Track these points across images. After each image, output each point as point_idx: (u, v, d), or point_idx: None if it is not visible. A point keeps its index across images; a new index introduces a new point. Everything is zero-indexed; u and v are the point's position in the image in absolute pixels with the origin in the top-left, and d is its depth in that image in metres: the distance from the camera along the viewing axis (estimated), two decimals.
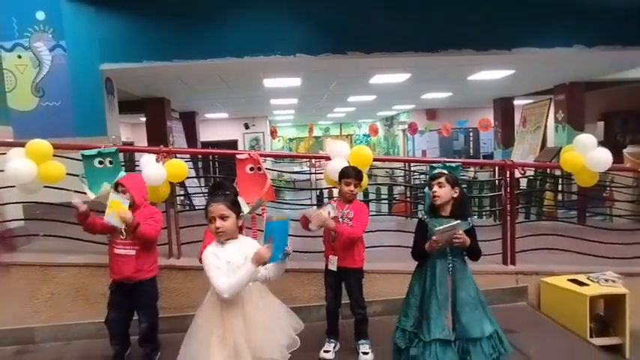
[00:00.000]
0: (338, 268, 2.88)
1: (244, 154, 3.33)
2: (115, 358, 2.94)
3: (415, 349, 2.27)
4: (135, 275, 2.74)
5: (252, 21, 5.77)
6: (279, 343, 2.04)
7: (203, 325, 1.99)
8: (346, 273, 2.91)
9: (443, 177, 2.36)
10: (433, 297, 2.29)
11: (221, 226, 1.97)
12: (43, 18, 5.56)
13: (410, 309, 2.42)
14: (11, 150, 3.26)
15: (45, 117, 5.52)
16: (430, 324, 2.24)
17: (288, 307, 2.23)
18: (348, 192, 2.83)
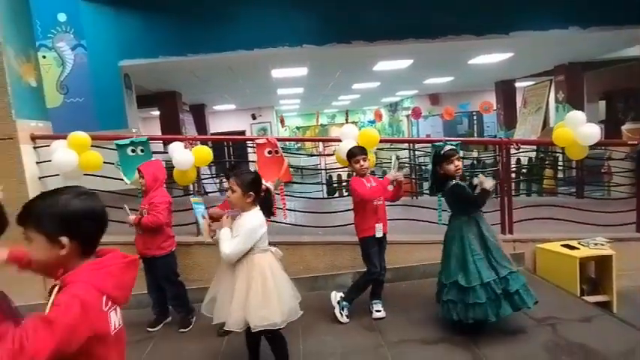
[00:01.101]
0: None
1: (263, 139, 3.67)
2: (154, 322, 3.37)
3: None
4: (145, 252, 3.16)
5: (260, 14, 6.05)
6: (278, 309, 2.29)
7: (218, 276, 2.43)
8: (384, 238, 3.24)
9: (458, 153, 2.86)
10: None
11: (230, 196, 2.35)
12: (64, 19, 5.90)
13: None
14: (54, 142, 3.64)
15: (70, 113, 5.88)
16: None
17: (292, 284, 2.47)
18: (360, 168, 3.16)
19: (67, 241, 1.14)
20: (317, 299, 3.64)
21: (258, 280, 2.27)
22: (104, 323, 1.12)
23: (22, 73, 3.86)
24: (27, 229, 1.15)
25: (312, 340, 2.95)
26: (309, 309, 3.38)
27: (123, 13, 6.01)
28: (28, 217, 1.15)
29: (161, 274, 3.29)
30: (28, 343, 0.93)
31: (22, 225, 1.15)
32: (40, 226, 1.14)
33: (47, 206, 1.15)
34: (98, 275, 1.14)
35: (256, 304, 2.24)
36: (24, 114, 3.77)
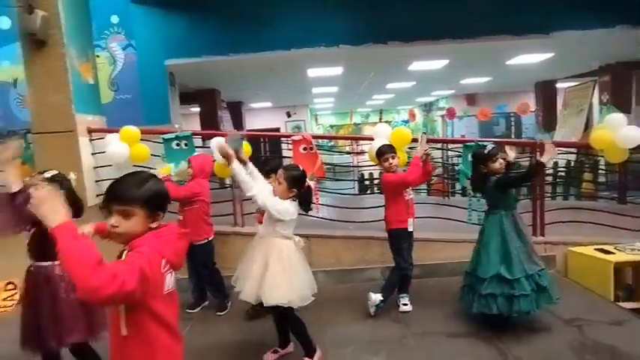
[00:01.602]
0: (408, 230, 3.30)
1: (299, 135, 3.85)
2: (193, 305, 3.62)
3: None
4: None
5: (298, 15, 6.24)
6: (289, 292, 2.44)
7: (247, 254, 2.64)
8: (411, 234, 3.35)
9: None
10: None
11: (275, 187, 2.53)
12: (116, 21, 6.32)
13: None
14: (108, 135, 3.96)
15: (119, 109, 6.29)
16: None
17: (311, 275, 2.64)
18: (389, 166, 3.27)
19: (161, 216, 1.39)
20: (346, 291, 3.80)
21: (275, 262, 2.46)
22: (161, 281, 1.34)
23: (82, 71, 4.22)
24: (132, 206, 1.35)
25: (340, 328, 3.10)
26: (339, 300, 3.57)
27: (169, 15, 6.37)
28: (136, 196, 1.36)
29: (199, 261, 3.53)
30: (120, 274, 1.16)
31: (128, 204, 1.36)
32: (146, 204, 1.37)
33: (153, 188, 1.40)
34: (159, 241, 1.36)
35: (270, 284, 2.42)
36: (82, 109, 4.12)
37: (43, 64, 3.90)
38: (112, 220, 1.37)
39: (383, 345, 2.84)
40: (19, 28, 3.85)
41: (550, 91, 11.39)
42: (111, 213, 1.37)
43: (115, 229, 1.37)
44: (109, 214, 1.38)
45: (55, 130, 3.97)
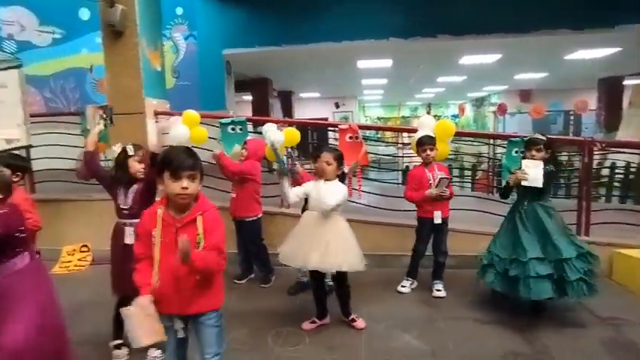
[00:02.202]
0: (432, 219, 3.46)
1: (346, 125, 4.05)
2: (241, 276, 3.95)
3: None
4: (237, 214, 3.72)
5: (350, 8, 6.40)
6: (349, 259, 2.74)
7: (302, 231, 2.82)
8: (444, 224, 3.50)
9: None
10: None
11: (326, 169, 2.76)
12: (181, 13, 6.80)
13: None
14: (172, 118, 4.36)
15: (180, 94, 6.79)
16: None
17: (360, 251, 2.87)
18: (426, 157, 3.42)
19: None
20: (383, 274, 3.97)
21: (338, 234, 2.75)
22: None
23: (151, 59, 4.65)
24: (196, 171, 1.73)
25: (374, 307, 3.29)
26: (375, 282, 3.76)
27: (228, 7, 6.75)
28: (198, 163, 1.75)
29: (248, 237, 3.84)
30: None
31: (195, 169, 1.73)
32: (201, 170, 1.74)
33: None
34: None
35: (335, 252, 2.69)
36: (150, 94, 4.55)
37: (119, 53, 4.36)
38: (184, 183, 1.66)
39: (414, 324, 3.01)
40: (100, 20, 4.32)
41: (615, 89, 10.77)
42: (179, 179, 1.67)
43: (186, 191, 1.67)
44: (173, 180, 1.68)
45: (127, 112, 4.43)
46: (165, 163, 1.73)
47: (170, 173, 1.70)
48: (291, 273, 4.09)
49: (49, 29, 6.81)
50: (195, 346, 1.93)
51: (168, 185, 1.71)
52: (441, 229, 3.50)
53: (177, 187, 1.68)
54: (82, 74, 7.17)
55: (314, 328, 2.99)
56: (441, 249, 3.53)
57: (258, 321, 3.11)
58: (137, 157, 2.58)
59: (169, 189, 1.71)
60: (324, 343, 2.79)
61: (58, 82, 7.08)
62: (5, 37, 6.50)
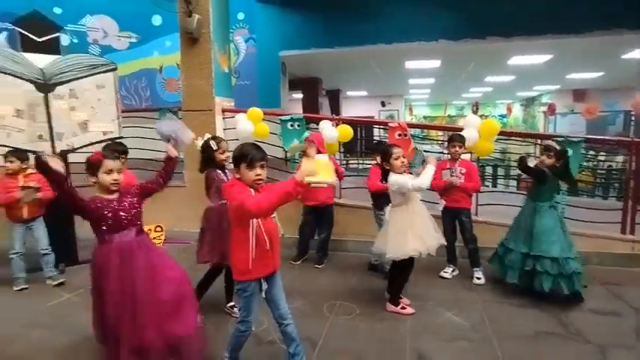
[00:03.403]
0: (452, 209, 3.80)
1: (395, 122, 4.40)
2: (297, 257, 4.40)
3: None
4: (325, 200, 4.14)
5: (400, 11, 6.69)
6: (439, 237, 3.12)
7: (398, 221, 3.07)
8: (460, 212, 3.80)
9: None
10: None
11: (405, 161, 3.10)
12: (242, 18, 7.37)
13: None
14: (237, 115, 4.89)
15: (240, 93, 7.35)
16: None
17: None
18: (454, 152, 3.76)
19: None
20: (429, 261, 4.27)
21: (427, 216, 3.11)
22: None
23: (220, 62, 5.20)
24: (265, 162, 2.14)
25: (420, 289, 3.62)
26: (420, 268, 4.08)
27: (285, 11, 7.25)
28: (266, 156, 2.15)
29: (327, 219, 4.30)
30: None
31: (264, 160, 2.13)
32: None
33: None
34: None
35: (431, 234, 3.06)
36: (219, 93, 5.10)
37: (194, 57, 4.94)
38: (258, 170, 2.10)
39: (455, 304, 3.32)
40: (179, 29, 4.91)
41: None
42: (254, 168, 2.09)
43: (260, 177, 2.11)
44: (249, 169, 2.09)
45: (198, 109, 5.01)
46: (241, 156, 2.12)
47: (246, 164, 2.10)
48: (343, 257, 4.53)
49: (127, 34, 7.61)
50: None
51: (245, 174, 2.10)
52: (459, 219, 3.83)
53: (252, 175, 2.10)
54: (152, 74, 7.94)
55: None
56: (465, 237, 3.84)
57: (313, 295, 3.54)
58: (221, 149, 3.05)
59: (246, 177, 2.10)
60: (373, 315, 3.18)
61: (132, 82, 7.89)
62: (91, 42, 7.36)
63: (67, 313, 3.26)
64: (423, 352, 2.63)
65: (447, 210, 3.86)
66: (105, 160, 2.18)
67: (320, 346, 2.70)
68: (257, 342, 2.73)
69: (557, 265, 3.22)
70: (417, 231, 3.01)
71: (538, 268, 3.26)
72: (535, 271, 3.28)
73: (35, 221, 3.81)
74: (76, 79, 4.31)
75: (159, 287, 2.25)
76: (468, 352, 2.64)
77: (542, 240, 3.29)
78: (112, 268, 2.18)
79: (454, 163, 3.79)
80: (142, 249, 2.25)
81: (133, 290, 2.22)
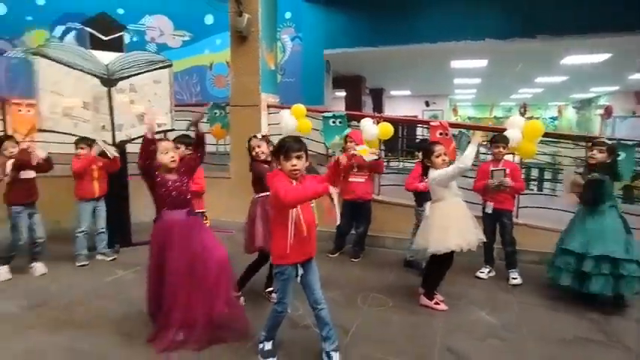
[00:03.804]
0: (494, 210, 3.77)
1: (437, 122, 4.41)
2: (334, 250, 4.53)
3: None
4: (364, 196, 4.23)
5: (445, 10, 6.63)
6: (479, 234, 3.16)
7: (439, 216, 3.13)
8: (502, 214, 3.77)
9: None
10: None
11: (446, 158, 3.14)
12: (289, 17, 7.58)
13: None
14: (282, 110, 5.08)
15: (284, 90, 7.57)
16: None
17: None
18: (497, 153, 3.75)
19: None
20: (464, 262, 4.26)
21: (467, 213, 3.16)
22: None
23: (267, 60, 5.42)
24: (301, 152, 2.25)
25: (454, 287, 3.64)
26: (455, 268, 4.07)
27: (330, 10, 7.38)
28: (303, 147, 2.27)
29: (365, 214, 4.40)
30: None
31: (300, 151, 2.25)
32: (305, 152, 2.28)
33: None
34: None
35: (471, 230, 3.12)
36: (265, 89, 5.32)
37: (243, 55, 5.18)
38: (294, 161, 2.23)
39: (489, 304, 3.32)
40: (230, 28, 5.16)
41: None
42: (290, 159, 2.23)
43: (295, 167, 2.24)
44: (286, 160, 2.23)
45: (245, 104, 5.25)
46: (279, 148, 2.29)
47: (283, 155, 2.25)
48: (380, 253, 4.62)
49: (181, 33, 8.04)
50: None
51: (282, 164, 2.27)
52: (500, 220, 3.78)
53: (289, 165, 2.23)
54: (203, 71, 8.34)
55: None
56: (505, 238, 3.80)
57: (348, 286, 3.65)
58: (256, 146, 3.20)
59: (284, 167, 2.26)
60: (406, 308, 3.25)
61: (184, 78, 8.32)
62: (149, 40, 7.84)
63: (121, 288, 3.58)
64: (453, 346, 2.67)
65: (487, 213, 3.84)
66: (160, 143, 2.46)
67: (352, 333, 2.81)
68: (292, 326, 2.88)
69: (616, 267, 3.10)
70: (457, 226, 3.06)
71: (596, 269, 3.12)
72: (592, 272, 3.13)
73: (100, 200, 4.23)
74: (136, 74, 4.66)
75: (208, 266, 2.47)
76: (499, 351, 2.65)
77: (606, 239, 3.16)
78: (171, 244, 2.43)
79: (497, 164, 3.78)
80: (195, 227, 2.49)
81: (187, 267, 2.46)
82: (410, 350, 2.62)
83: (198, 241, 2.49)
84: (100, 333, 2.78)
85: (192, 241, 2.49)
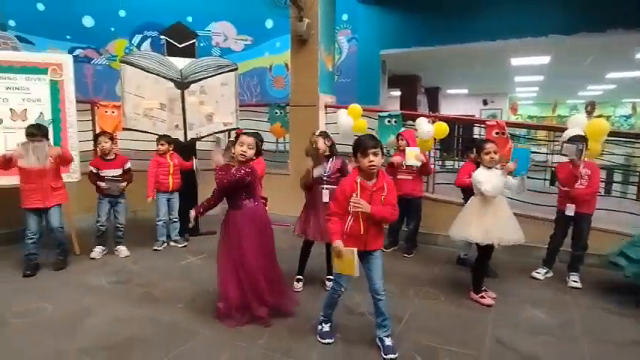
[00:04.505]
0: (575, 213, 3.68)
1: (493, 121, 4.41)
2: (388, 246, 4.66)
3: None
4: (412, 192, 4.32)
5: (505, 7, 6.48)
6: (512, 234, 3.18)
7: (469, 208, 3.28)
8: (581, 217, 3.68)
9: None
10: None
11: (495, 157, 3.19)
12: (346, 19, 7.77)
13: None
14: (339, 110, 5.29)
15: (341, 90, 7.77)
16: None
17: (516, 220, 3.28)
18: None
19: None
20: (519, 262, 4.27)
21: (508, 212, 3.22)
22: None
23: (326, 61, 5.65)
24: (377, 149, 2.40)
25: (508, 285, 3.67)
26: (511, 267, 4.10)
27: (386, 11, 7.48)
28: (379, 144, 2.43)
29: (413, 210, 4.52)
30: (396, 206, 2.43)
31: (376, 147, 2.40)
32: (381, 148, 2.42)
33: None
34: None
35: (513, 227, 3.19)
36: (323, 90, 5.56)
37: (302, 57, 5.46)
38: (370, 157, 2.40)
39: (544, 303, 3.31)
40: (290, 32, 5.45)
41: None
42: (367, 155, 2.40)
43: (372, 163, 2.41)
44: (363, 156, 2.41)
45: (304, 104, 5.52)
46: (357, 146, 2.46)
47: (360, 152, 2.43)
48: (433, 250, 4.70)
49: (244, 37, 8.51)
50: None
51: (360, 161, 2.43)
52: (578, 222, 3.69)
53: (366, 162, 2.40)
54: (263, 73, 8.76)
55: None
56: (578, 241, 3.71)
57: (400, 280, 3.78)
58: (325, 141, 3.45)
59: (361, 164, 2.44)
60: (458, 303, 3.33)
61: (245, 80, 8.78)
62: (214, 45, 8.39)
63: (192, 271, 3.98)
64: (503, 339, 2.74)
65: (562, 214, 3.76)
66: (241, 135, 2.78)
67: (405, 322, 2.96)
68: (349, 312, 3.08)
69: None
70: (483, 222, 3.14)
71: None
72: None
73: (174, 193, 4.69)
74: (206, 77, 5.08)
75: (271, 253, 2.80)
76: (550, 347, 2.67)
77: None
78: (243, 232, 2.75)
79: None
80: (264, 218, 2.82)
81: (255, 255, 2.79)
82: (460, 339, 2.72)
83: (266, 230, 2.85)
84: (176, 308, 3.15)
85: (263, 230, 2.85)
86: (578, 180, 3.59)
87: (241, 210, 2.87)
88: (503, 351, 2.61)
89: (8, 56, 4.36)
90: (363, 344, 2.64)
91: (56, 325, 2.87)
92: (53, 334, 2.76)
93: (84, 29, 7.68)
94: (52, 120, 4.39)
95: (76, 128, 4.58)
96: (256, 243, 2.87)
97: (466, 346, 2.64)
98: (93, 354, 2.51)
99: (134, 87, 4.76)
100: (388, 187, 2.48)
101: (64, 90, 4.45)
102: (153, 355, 2.51)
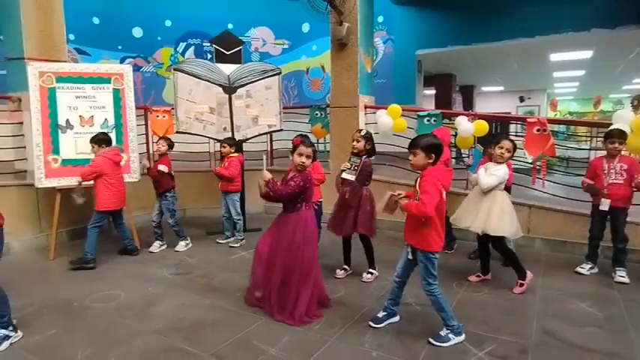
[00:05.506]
0: (610, 208, 3.70)
1: (534, 118, 4.45)
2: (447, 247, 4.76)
3: None
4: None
5: (542, 3, 6.42)
6: (508, 227, 3.34)
7: (469, 199, 3.55)
8: (617, 211, 3.69)
9: None
10: None
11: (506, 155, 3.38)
12: (382, 20, 7.91)
13: None
14: (379, 111, 5.45)
15: (377, 90, 7.92)
16: None
17: (515, 216, 3.43)
18: (612, 149, 3.63)
19: (433, 157, 2.53)
20: (562, 258, 4.30)
21: (497, 206, 3.36)
22: (441, 193, 2.52)
23: (365, 64, 5.83)
24: (416, 149, 2.55)
25: (551, 280, 3.71)
26: (554, 263, 4.13)
27: (421, 11, 7.57)
28: (419, 144, 2.56)
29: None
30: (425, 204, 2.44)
31: (414, 147, 2.56)
32: (424, 149, 2.54)
33: (429, 141, 2.56)
34: (436, 172, 2.52)
35: (494, 220, 3.34)
36: (362, 91, 5.73)
37: (343, 60, 5.65)
38: (410, 156, 2.57)
39: (590, 297, 3.35)
40: (330, 36, 5.66)
41: None
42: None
43: (410, 162, 2.58)
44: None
45: (345, 105, 5.72)
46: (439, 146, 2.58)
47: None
48: (472, 246, 4.76)
49: (281, 41, 8.80)
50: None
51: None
52: (615, 216, 3.70)
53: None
54: (300, 75, 9.02)
55: (477, 281, 3.69)
56: (617, 235, 3.72)
57: (444, 273, 3.87)
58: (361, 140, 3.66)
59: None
60: (502, 295, 3.42)
61: (283, 83, 9.06)
62: (253, 50, 8.72)
63: (243, 265, 4.23)
64: (550, 329, 2.82)
65: (597, 206, 3.78)
66: (300, 146, 2.93)
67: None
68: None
69: None
70: (474, 209, 3.42)
71: None
72: None
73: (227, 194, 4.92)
74: (252, 82, 5.37)
75: (312, 259, 3.00)
76: (597, 337, 2.74)
77: None
78: (295, 237, 2.94)
79: (612, 160, 3.68)
80: (313, 227, 3.01)
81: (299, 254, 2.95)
82: (506, 328, 2.83)
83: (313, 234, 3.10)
84: (234, 296, 3.41)
85: (313, 234, 3.09)
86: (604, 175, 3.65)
87: (295, 213, 2.97)
88: (551, 340, 2.70)
89: (78, 68, 4.79)
90: (413, 332, 2.82)
91: (131, 310, 3.20)
92: (130, 317, 3.08)
93: (133, 39, 8.20)
94: (115, 125, 4.78)
95: (136, 132, 4.95)
96: (299, 249, 2.94)
97: (513, 334, 2.75)
98: (168, 334, 2.80)
99: (186, 93, 5.11)
100: (421, 185, 2.52)
101: (124, 97, 4.83)
102: (221, 335, 2.77)
